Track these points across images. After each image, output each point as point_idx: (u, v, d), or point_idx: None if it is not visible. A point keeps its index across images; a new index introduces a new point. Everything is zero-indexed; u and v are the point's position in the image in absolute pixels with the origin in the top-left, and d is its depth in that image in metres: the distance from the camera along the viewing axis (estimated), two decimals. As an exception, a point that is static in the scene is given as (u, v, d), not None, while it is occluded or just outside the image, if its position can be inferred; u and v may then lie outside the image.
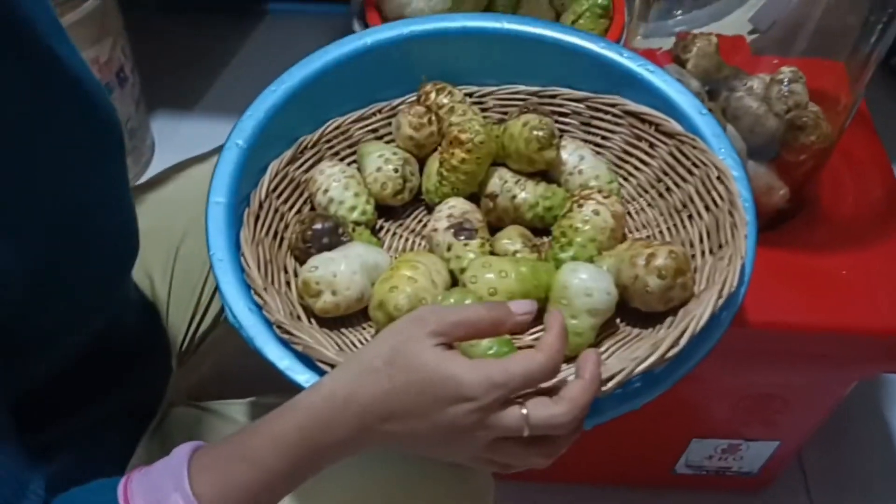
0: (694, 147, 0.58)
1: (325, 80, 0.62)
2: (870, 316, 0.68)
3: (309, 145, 0.63)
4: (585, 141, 0.65)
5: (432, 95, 0.64)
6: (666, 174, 0.61)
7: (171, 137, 1.24)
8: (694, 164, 0.58)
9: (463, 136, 0.57)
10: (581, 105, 0.65)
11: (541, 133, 0.57)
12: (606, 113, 0.64)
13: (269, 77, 0.60)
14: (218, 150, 0.81)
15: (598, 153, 0.64)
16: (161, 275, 0.72)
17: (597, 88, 0.65)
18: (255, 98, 0.60)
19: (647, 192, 0.62)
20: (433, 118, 0.62)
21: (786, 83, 0.70)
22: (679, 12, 0.76)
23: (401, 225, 0.63)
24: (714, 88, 0.73)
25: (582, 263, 0.50)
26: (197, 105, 1.29)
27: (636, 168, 0.63)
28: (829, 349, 0.70)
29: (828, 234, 0.74)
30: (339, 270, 0.51)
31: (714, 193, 0.55)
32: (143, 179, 1.23)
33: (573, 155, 0.61)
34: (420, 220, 0.63)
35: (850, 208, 0.76)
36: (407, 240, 0.62)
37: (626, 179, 0.63)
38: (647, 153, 0.62)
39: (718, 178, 0.56)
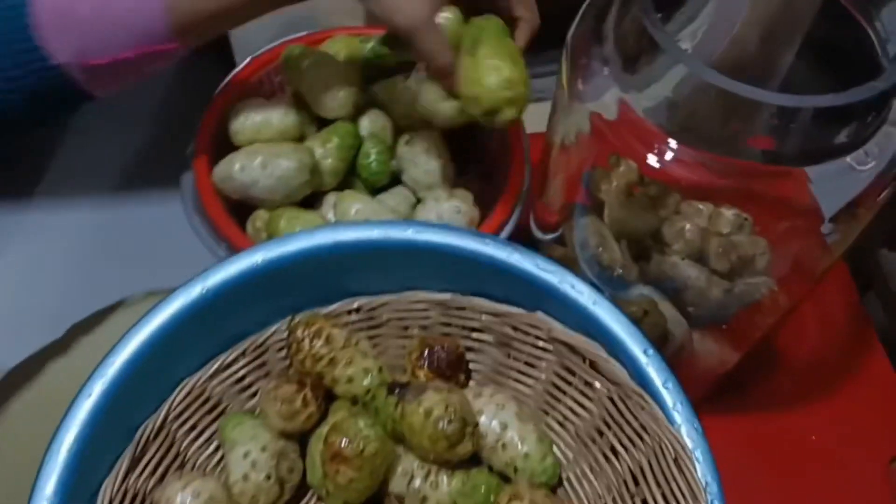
0: (642, 407, 0.46)
1: (158, 352, 0.47)
2: (849, 496, 0.60)
3: (152, 435, 0.48)
4: (505, 366, 0.52)
5: (305, 344, 0.49)
6: (609, 426, 0.49)
7: (9, 239, 1.03)
8: (643, 428, 0.46)
9: (347, 451, 0.43)
10: (497, 320, 0.52)
11: (449, 428, 0.44)
12: (528, 334, 0.51)
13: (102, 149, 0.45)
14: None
15: (521, 400, 0.51)
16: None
17: (516, 299, 0.51)
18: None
19: (587, 446, 0.50)
20: (308, 396, 0.48)
21: (726, 232, 0.58)
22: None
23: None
24: (641, 243, 0.60)
25: None
26: (33, 196, 1.08)
27: (572, 411, 0.51)
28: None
29: (791, 390, 0.64)
30: None
31: (673, 485, 0.44)
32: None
33: (493, 422, 0.48)
34: (310, 512, 0.50)
35: (813, 351, 0.66)
36: (296, 549, 0.49)
37: (561, 425, 0.51)
38: (582, 393, 0.50)
39: (676, 461, 0.44)
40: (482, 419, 0.48)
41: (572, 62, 0.52)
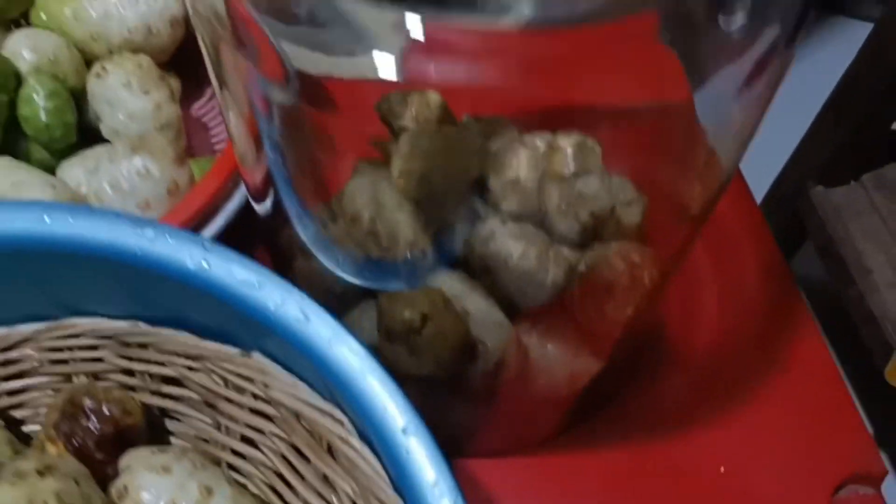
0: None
1: None
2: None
3: None
4: (215, 443, 0.33)
5: None
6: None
7: None
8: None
9: None
10: (198, 366, 0.32)
11: None
12: (243, 391, 0.32)
13: None
14: None
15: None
16: None
17: (232, 332, 0.32)
18: None
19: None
20: None
21: (567, 174, 0.37)
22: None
23: None
24: (444, 207, 0.39)
25: None
26: None
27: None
28: None
29: (689, 404, 0.45)
30: None
31: None
32: None
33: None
34: None
35: (718, 347, 0.47)
36: None
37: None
38: (320, 495, 0.31)
39: None
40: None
41: None
